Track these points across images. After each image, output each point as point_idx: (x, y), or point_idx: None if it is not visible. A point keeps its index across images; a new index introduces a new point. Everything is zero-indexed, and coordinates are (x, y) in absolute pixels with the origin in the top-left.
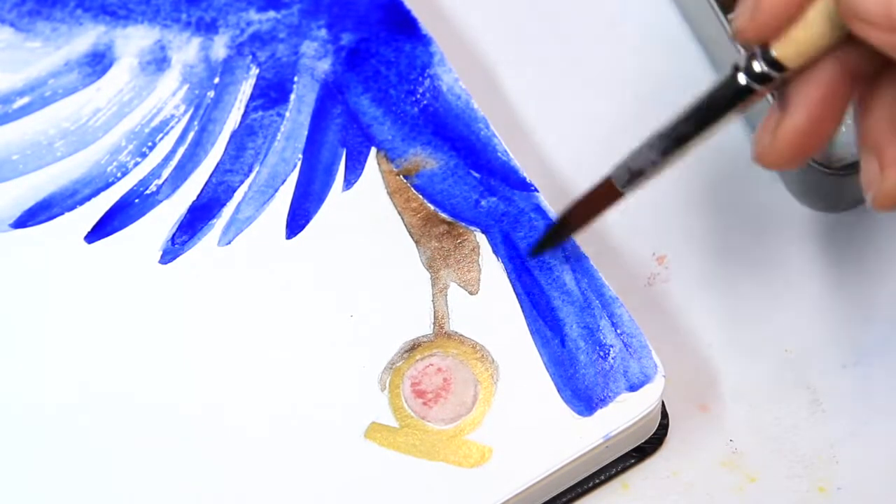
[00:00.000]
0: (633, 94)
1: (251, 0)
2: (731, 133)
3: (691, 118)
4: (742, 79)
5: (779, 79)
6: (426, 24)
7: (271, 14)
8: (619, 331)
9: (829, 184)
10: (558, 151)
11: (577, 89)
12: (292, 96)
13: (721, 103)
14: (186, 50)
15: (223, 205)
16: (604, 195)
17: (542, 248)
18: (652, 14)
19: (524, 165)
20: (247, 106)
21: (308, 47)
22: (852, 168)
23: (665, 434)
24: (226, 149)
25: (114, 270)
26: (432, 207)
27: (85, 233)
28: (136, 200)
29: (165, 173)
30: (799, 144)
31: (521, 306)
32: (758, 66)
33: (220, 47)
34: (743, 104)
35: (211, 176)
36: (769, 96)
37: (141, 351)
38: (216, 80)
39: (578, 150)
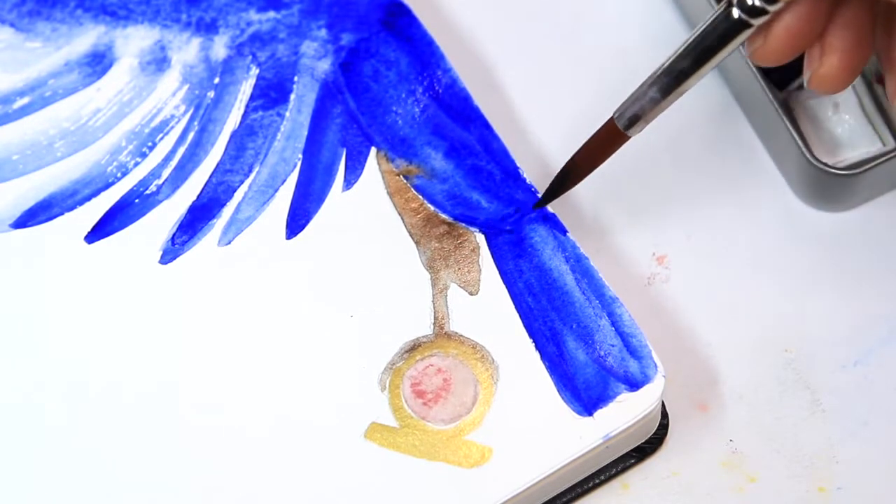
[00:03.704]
0: None
1: (251, 0)
2: (731, 134)
3: (688, 55)
4: (735, 13)
5: (773, 12)
6: (426, 23)
7: (271, 14)
8: (619, 331)
9: (833, 183)
10: (558, 151)
11: (578, 89)
12: (292, 96)
13: (716, 38)
14: (186, 50)
15: (223, 205)
16: (607, 138)
17: (548, 199)
18: (652, 14)
19: (524, 165)
20: (247, 106)
21: (308, 47)
22: (855, 168)
23: (665, 434)
24: (226, 149)
25: (114, 270)
26: (432, 208)
27: (85, 233)
28: (136, 200)
29: (165, 173)
30: (789, 43)
31: (521, 307)
32: (751, 0)
33: (220, 47)
34: (738, 38)
35: (211, 176)
36: None
37: (141, 351)
38: (216, 80)
39: None
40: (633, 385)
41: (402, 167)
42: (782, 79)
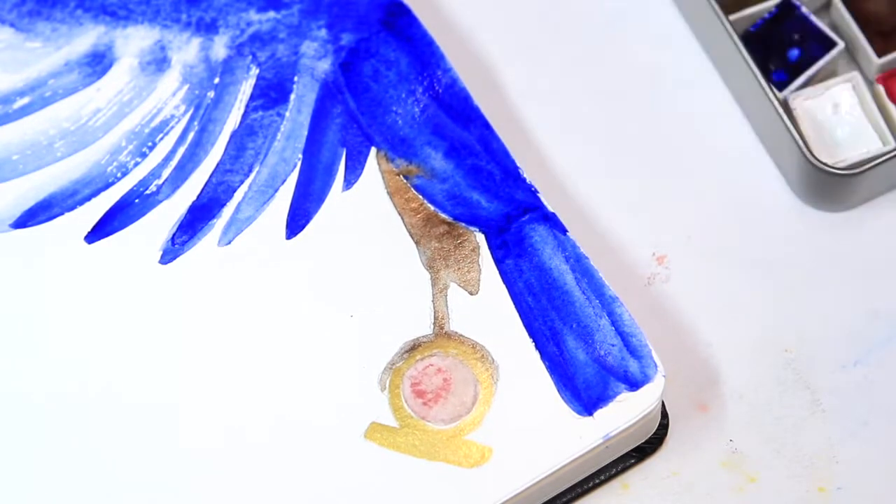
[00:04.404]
0: (634, 94)
1: (251, 0)
2: (731, 135)
3: None
4: None
5: None
6: (426, 23)
7: (271, 14)
8: (619, 330)
9: (833, 183)
10: (558, 151)
11: (577, 89)
12: (292, 96)
13: None
14: (186, 50)
15: (223, 205)
16: None
17: None
18: (652, 14)
19: (524, 165)
20: (247, 106)
21: (308, 47)
22: (855, 168)
23: (665, 434)
24: (226, 149)
25: (114, 270)
26: (432, 208)
27: (85, 233)
28: (136, 200)
29: (165, 173)
30: None
31: (521, 306)
32: None
33: (220, 47)
34: None
35: (211, 176)
36: None
37: (141, 351)
38: (216, 80)
39: (578, 150)
40: (633, 385)
41: (402, 167)
42: (782, 80)
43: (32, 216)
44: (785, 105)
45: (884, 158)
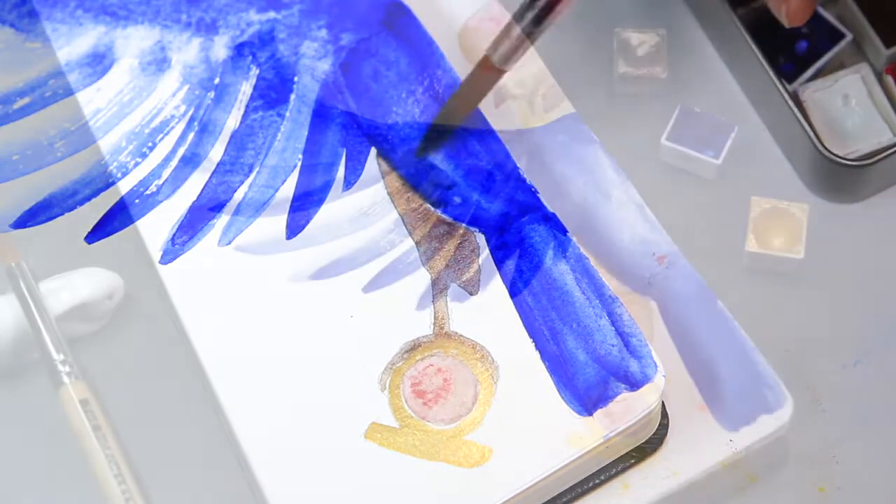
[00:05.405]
0: (633, 93)
1: (251, 0)
2: (739, 128)
3: None
4: None
5: None
6: (426, 24)
7: (271, 14)
8: (619, 330)
9: (844, 174)
10: (558, 151)
11: (578, 86)
12: (292, 96)
13: None
14: (186, 50)
15: (223, 205)
16: (483, 76)
17: (429, 145)
18: (656, 11)
19: (524, 166)
20: (247, 106)
21: (308, 47)
22: (866, 158)
23: (665, 434)
24: (226, 149)
25: (114, 270)
26: (432, 208)
27: (85, 233)
28: (136, 200)
29: (165, 173)
30: None
31: (521, 307)
32: None
33: (220, 47)
34: None
35: (211, 176)
36: None
37: (140, 351)
38: (216, 81)
39: (579, 148)
40: (634, 385)
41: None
42: (790, 71)
43: (32, 216)
44: (795, 97)
45: (894, 149)
